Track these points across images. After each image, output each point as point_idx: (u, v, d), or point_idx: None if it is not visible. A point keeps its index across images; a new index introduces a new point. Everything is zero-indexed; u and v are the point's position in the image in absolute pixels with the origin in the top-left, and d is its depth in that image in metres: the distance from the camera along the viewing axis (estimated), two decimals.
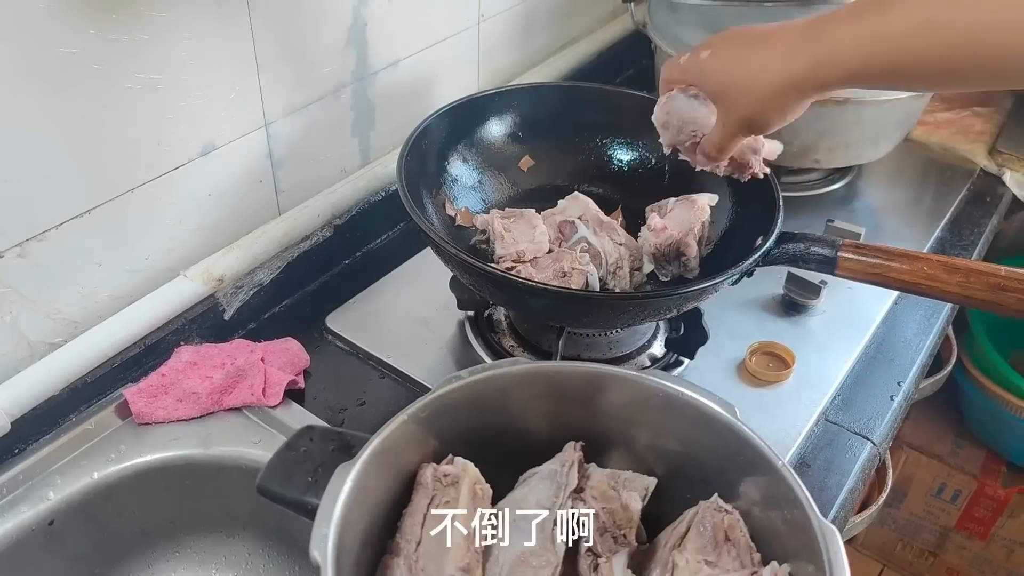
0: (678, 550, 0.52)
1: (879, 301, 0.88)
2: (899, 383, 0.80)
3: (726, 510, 0.54)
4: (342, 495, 0.45)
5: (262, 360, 0.72)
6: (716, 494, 0.54)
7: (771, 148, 0.69)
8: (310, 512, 0.45)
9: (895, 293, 0.88)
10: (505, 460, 0.54)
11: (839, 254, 0.67)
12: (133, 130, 0.67)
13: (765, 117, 0.59)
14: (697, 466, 0.56)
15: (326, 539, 0.43)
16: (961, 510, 1.50)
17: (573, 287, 0.67)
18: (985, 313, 1.48)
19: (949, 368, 1.01)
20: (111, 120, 0.65)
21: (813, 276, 0.84)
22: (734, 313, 0.85)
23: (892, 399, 0.78)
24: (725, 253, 0.75)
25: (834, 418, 0.76)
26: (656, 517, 0.58)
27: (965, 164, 1.10)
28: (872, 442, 0.74)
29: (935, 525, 1.55)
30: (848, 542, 1.66)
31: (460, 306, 0.81)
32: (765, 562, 0.51)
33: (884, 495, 0.83)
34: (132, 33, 0.63)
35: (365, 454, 0.47)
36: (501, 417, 0.54)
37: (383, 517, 0.49)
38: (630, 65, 1.23)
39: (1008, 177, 1.08)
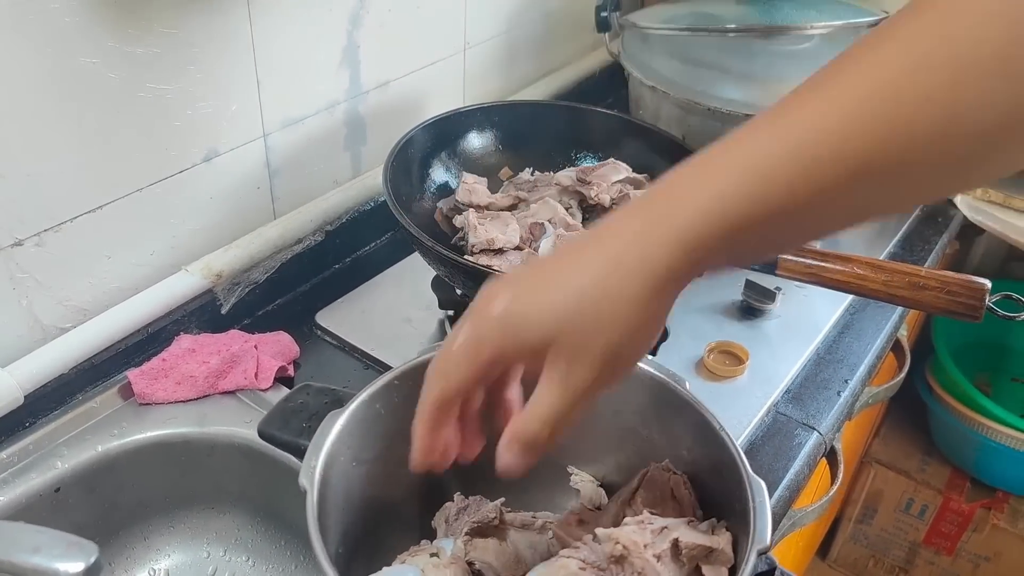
0: (628, 505, 0.58)
1: (831, 308, 0.94)
2: (846, 380, 0.86)
3: (673, 471, 0.59)
4: (330, 435, 0.51)
5: (255, 348, 0.79)
6: (667, 459, 0.60)
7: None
8: (302, 453, 0.51)
9: (846, 301, 0.95)
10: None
11: (779, 256, 0.74)
12: (143, 135, 0.74)
13: (638, 341, 0.41)
14: (650, 434, 0.61)
15: (313, 470, 0.49)
16: (928, 525, 1.55)
17: None
18: (950, 338, 1.55)
19: (902, 375, 1.07)
20: (124, 125, 0.72)
21: (769, 283, 0.91)
22: (695, 317, 0.91)
23: (839, 394, 0.85)
24: None
25: (783, 410, 0.82)
26: (617, 486, 0.64)
27: None
28: (818, 432, 0.80)
29: (904, 541, 1.60)
30: (822, 559, 1.71)
31: (441, 306, 0.88)
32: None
33: (836, 485, 0.88)
34: (146, 47, 0.70)
35: (354, 404, 0.53)
36: None
37: (365, 461, 0.55)
38: (608, 94, 1.30)
39: (959, 199, 1.15)
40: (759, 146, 0.39)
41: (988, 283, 0.68)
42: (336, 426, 0.52)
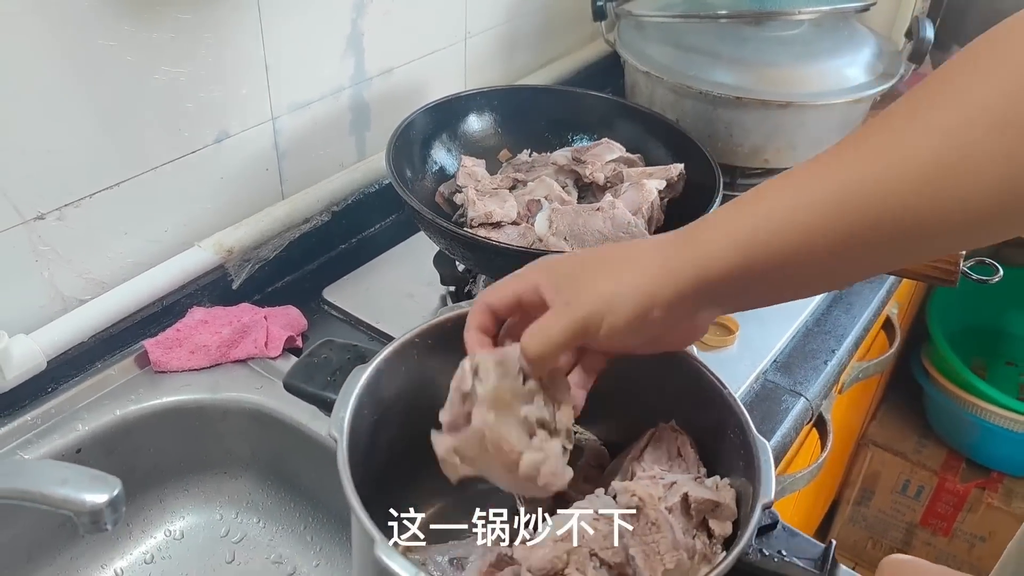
0: (637, 461, 0.61)
1: None
2: (833, 351, 0.90)
3: (679, 431, 0.61)
4: (357, 388, 0.54)
5: (265, 319, 0.82)
6: (673, 420, 0.63)
7: None
8: (328, 405, 0.54)
9: None
10: None
11: None
12: (157, 116, 0.77)
13: (633, 333, 0.48)
14: (657, 396, 0.63)
15: (342, 421, 0.51)
16: (924, 506, 1.58)
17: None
18: (946, 324, 1.58)
19: (892, 350, 1.10)
20: (139, 106, 0.76)
21: None
22: None
23: (826, 363, 0.88)
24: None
25: (772, 378, 0.85)
26: (619, 446, 0.67)
27: None
28: (805, 398, 0.83)
29: (901, 522, 1.62)
30: (820, 542, 1.73)
31: (443, 281, 0.91)
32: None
33: (826, 452, 0.91)
34: (161, 31, 0.74)
35: (378, 359, 0.56)
36: None
37: (389, 413, 0.58)
38: (607, 83, 1.33)
39: None
40: (785, 197, 0.44)
41: (962, 250, 0.71)
42: (361, 380, 0.55)
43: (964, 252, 0.71)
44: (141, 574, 0.77)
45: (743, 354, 0.86)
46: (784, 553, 0.46)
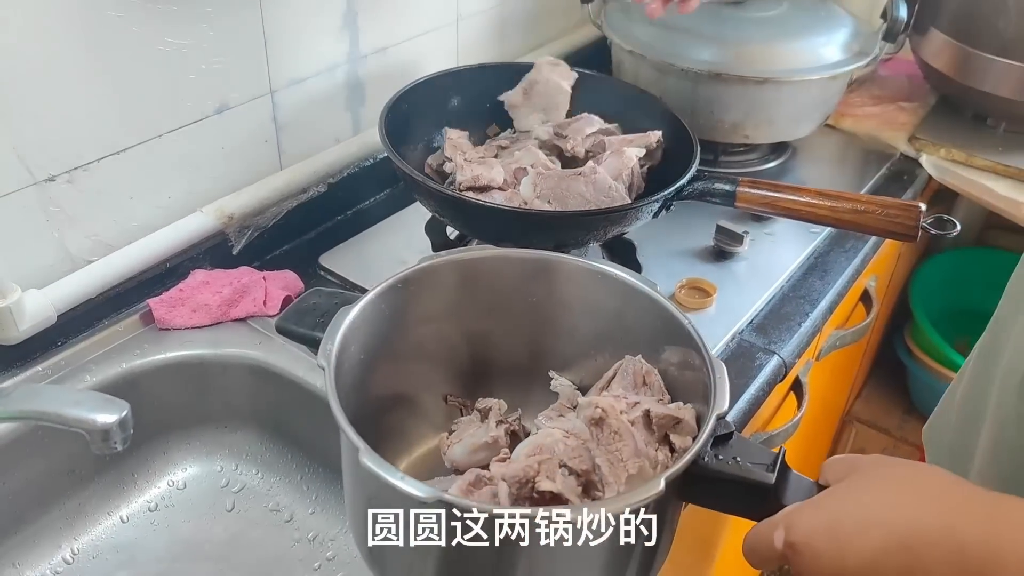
0: (605, 389, 0.65)
1: (797, 251, 1.01)
2: (808, 313, 0.94)
3: (645, 363, 0.64)
4: (343, 325, 0.58)
5: (264, 280, 0.86)
6: (640, 355, 0.66)
7: None
8: (317, 344, 0.57)
9: (812, 244, 1.02)
10: (471, 332, 0.68)
11: (738, 188, 0.81)
12: (161, 85, 0.82)
13: None
14: (626, 337, 0.67)
15: (330, 352, 0.55)
16: None
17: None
18: (930, 304, 1.62)
19: (870, 319, 1.14)
20: (144, 75, 0.80)
21: (738, 226, 0.98)
22: (670, 259, 0.98)
23: (800, 325, 0.92)
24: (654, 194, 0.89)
25: (747, 337, 0.89)
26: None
27: (887, 149, 1.25)
28: (779, 356, 0.87)
29: None
30: None
31: (434, 249, 0.95)
32: None
33: (803, 410, 0.95)
34: (166, 4, 0.78)
35: (363, 301, 0.60)
36: (469, 291, 0.67)
37: (371, 354, 0.62)
38: (596, 66, 1.37)
39: (924, 159, 1.22)
40: None
41: (923, 205, 0.75)
42: (348, 318, 0.59)
43: (923, 207, 0.75)
44: (145, 521, 0.81)
45: (720, 316, 0.90)
46: (738, 459, 0.50)
